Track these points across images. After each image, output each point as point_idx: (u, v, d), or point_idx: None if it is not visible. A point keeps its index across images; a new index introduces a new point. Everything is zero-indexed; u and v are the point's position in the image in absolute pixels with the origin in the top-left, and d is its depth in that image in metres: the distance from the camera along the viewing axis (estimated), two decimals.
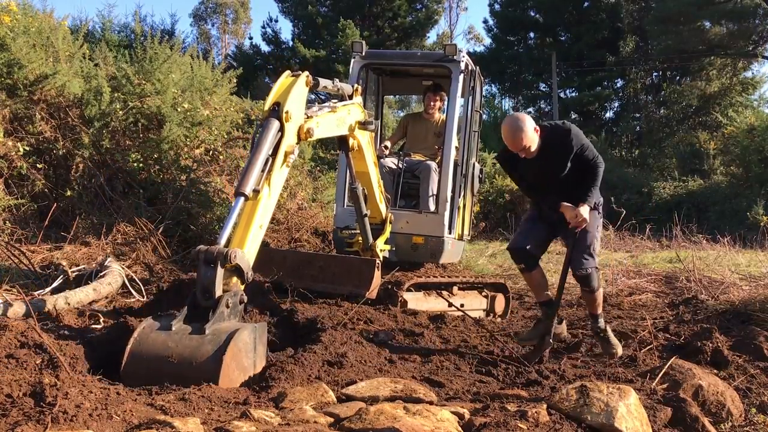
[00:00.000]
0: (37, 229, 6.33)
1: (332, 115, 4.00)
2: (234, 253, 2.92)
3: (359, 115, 4.38)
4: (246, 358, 2.99)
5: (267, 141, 3.24)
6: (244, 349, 2.97)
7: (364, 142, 4.55)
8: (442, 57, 5.83)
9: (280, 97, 3.36)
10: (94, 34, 16.94)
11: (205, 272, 2.91)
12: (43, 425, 2.14)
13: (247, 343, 2.98)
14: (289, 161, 3.39)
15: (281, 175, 3.37)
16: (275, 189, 3.31)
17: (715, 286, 6.71)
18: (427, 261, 5.91)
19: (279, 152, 3.30)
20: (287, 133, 3.34)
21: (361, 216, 4.81)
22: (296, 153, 3.47)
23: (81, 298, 4.54)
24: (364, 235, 4.96)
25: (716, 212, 16.96)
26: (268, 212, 3.28)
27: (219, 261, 2.89)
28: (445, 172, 5.74)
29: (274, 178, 3.27)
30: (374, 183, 4.89)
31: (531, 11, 32.95)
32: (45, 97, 6.93)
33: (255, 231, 3.16)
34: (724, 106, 25.28)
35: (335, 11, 29.01)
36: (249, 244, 3.12)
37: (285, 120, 3.32)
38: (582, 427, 2.56)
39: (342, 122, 4.16)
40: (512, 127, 3.93)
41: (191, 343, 2.86)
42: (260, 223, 3.21)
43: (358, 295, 4.65)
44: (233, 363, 2.89)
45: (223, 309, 2.96)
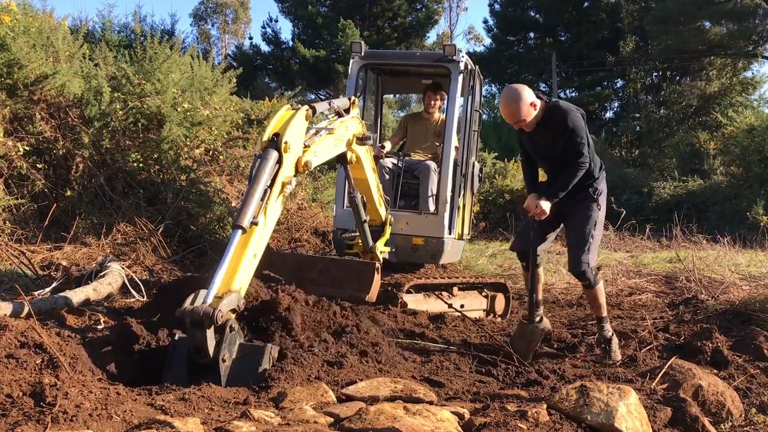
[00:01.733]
0: (37, 229, 6.33)
1: (330, 137, 3.96)
2: (221, 313, 2.86)
3: (357, 128, 4.36)
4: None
5: (265, 172, 3.22)
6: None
7: (362, 153, 4.54)
8: (442, 57, 5.83)
9: (280, 129, 3.35)
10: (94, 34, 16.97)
11: (195, 334, 2.89)
12: (43, 425, 2.14)
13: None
14: (286, 192, 3.38)
15: (277, 205, 3.36)
16: (271, 219, 3.30)
17: (715, 286, 6.71)
18: (427, 262, 5.91)
19: (276, 183, 3.28)
20: (285, 164, 3.33)
21: (360, 222, 4.81)
22: (293, 184, 3.45)
23: (81, 298, 4.53)
24: (363, 239, 4.96)
25: (716, 212, 16.96)
26: (262, 242, 3.26)
27: (205, 323, 2.85)
28: (445, 172, 5.74)
29: (270, 209, 3.26)
30: (373, 188, 4.88)
31: (531, 11, 32.97)
32: (45, 97, 6.93)
33: (248, 260, 3.14)
34: (724, 106, 25.28)
35: (335, 11, 29.03)
36: (240, 275, 3.09)
37: (284, 150, 3.30)
38: (582, 427, 2.56)
39: (340, 140, 4.14)
40: (508, 98, 3.91)
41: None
42: (254, 252, 3.19)
43: (358, 298, 4.66)
44: None
45: (224, 365, 2.95)
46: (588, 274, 4.09)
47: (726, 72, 28.43)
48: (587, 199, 4.12)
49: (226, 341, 2.94)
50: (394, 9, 30.05)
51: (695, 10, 25.86)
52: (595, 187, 4.12)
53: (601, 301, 4.20)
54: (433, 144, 6.27)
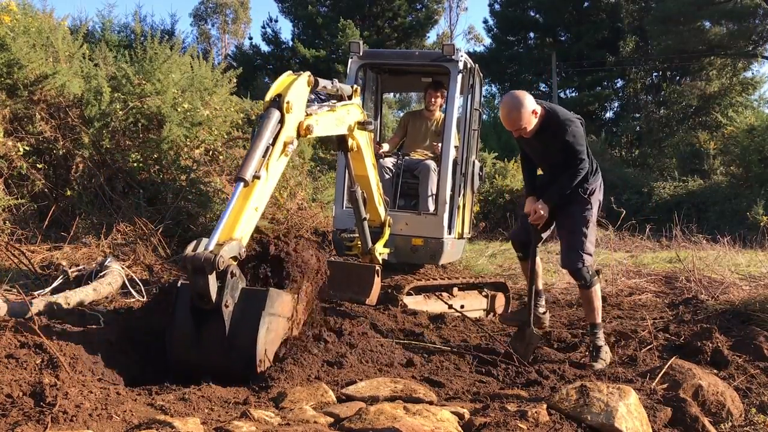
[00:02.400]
0: (37, 229, 6.33)
1: (332, 114, 4.02)
2: (222, 259, 2.90)
3: (358, 115, 4.39)
4: (274, 336, 3.14)
5: (268, 129, 3.28)
6: (269, 338, 3.08)
7: (363, 143, 4.54)
8: (440, 56, 5.82)
9: (282, 90, 3.41)
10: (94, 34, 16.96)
11: (197, 280, 2.91)
12: (43, 425, 2.14)
13: (267, 331, 3.06)
14: (288, 151, 3.43)
15: (280, 163, 3.41)
16: (273, 175, 3.35)
17: (715, 286, 6.71)
18: (426, 262, 5.89)
19: (278, 142, 3.34)
20: (287, 123, 3.38)
21: (360, 219, 4.81)
22: (295, 144, 3.51)
23: (81, 298, 4.53)
24: (363, 239, 4.95)
25: (716, 212, 16.95)
26: (264, 196, 3.31)
27: (207, 269, 2.87)
28: (444, 172, 5.72)
29: (272, 165, 3.31)
30: (373, 186, 4.89)
31: (531, 11, 32.96)
32: (45, 97, 6.93)
33: (250, 213, 3.19)
34: (724, 106, 25.27)
35: (335, 11, 29.01)
36: (242, 226, 3.13)
37: (286, 110, 3.35)
38: (582, 427, 2.55)
39: (341, 121, 4.17)
40: (509, 106, 3.90)
41: (226, 360, 3.04)
42: (255, 205, 3.24)
43: (358, 301, 4.66)
44: (267, 359, 3.07)
45: (227, 310, 2.99)
46: (584, 273, 4.08)
47: (726, 72, 28.42)
48: (579, 198, 4.11)
49: (228, 287, 2.96)
50: (394, 9, 30.02)
51: (695, 10, 25.85)
52: (585, 187, 4.11)
53: (596, 305, 4.15)
54: (432, 143, 6.27)
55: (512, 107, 3.88)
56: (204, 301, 2.93)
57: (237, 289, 3.04)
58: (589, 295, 4.16)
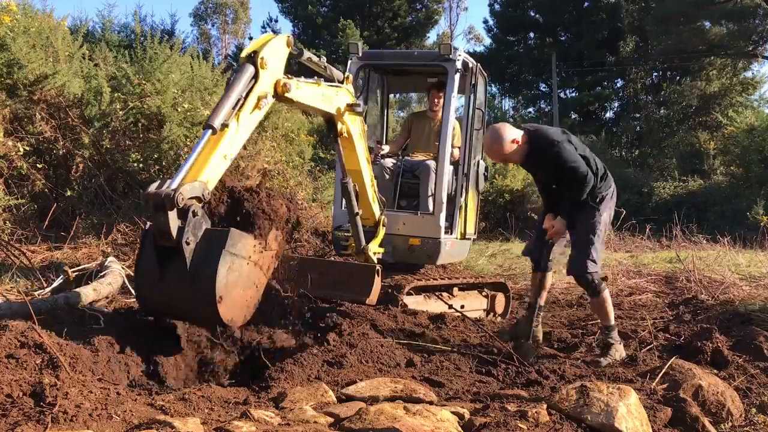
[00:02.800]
0: (37, 229, 6.33)
1: (317, 87, 4.00)
2: (181, 195, 2.90)
3: (348, 98, 4.35)
4: (238, 280, 3.07)
5: (240, 83, 3.29)
6: (230, 279, 3.02)
7: (355, 131, 4.51)
8: (439, 56, 5.80)
9: (258, 47, 3.42)
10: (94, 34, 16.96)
11: (158, 217, 2.94)
12: (43, 425, 2.14)
13: (229, 270, 3.01)
14: (261, 105, 3.42)
15: (253, 117, 3.41)
16: (244, 127, 3.35)
17: (715, 286, 6.71)
18: (423, 263, 5.84)
19: (251, 95, 3.34)
20: (261, 79, 3.38)
21: (352, 214, 4.77)
22: (270, 100, 3.50)
23: (81, 298, 4.53)
24: (355, 236, 4.90)
25: (716, 212, 16.94)
26: (234, 146, 3.31)
27: (166, 205, 2.89)
28: (441, 172, 5.69)
29: (243, 117, 3.31)
30: (367, 182, 4.83)
31: (531, 11, 32.98)
32: (45, 97, 6.94)
33: (218, 159, 3.19)
34: (724, 106, 25.27)
35: (335, 11, 29.01)
36: (209, 170, 3.14)
37: (260, 66, 3.35)
38: (582, 427, 2.56)
39: (327, 99, 4.15)
40: (489, 139, 4.09)
41: (186, 299, 3.02)
42: (224, 153, 3.23)
43: (358, 301, 4.64)
44: (228, 300, 2.99)
45: (188, 248, 2.98)
46: (588, 282, 4.10)
47: (726, 72, 28.42)
48: (588, 206, 4.12)
49: (190, 225, 2.97)
50: (394, 9, 30.03)
51: (695, 10, 25.85)
52: (595, 194, 4.12)
53: (607, 309, 4.18)
54: (435, 143, 6.25)
55: (492, 140, 4.05)
56: (165, 238, 2.94)
57: (199, 229, 3.02)
58: (597, 302, 4.20)
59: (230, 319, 3.03)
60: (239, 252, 3.09)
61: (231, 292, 3.02)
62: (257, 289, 3.23)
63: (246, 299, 3.15)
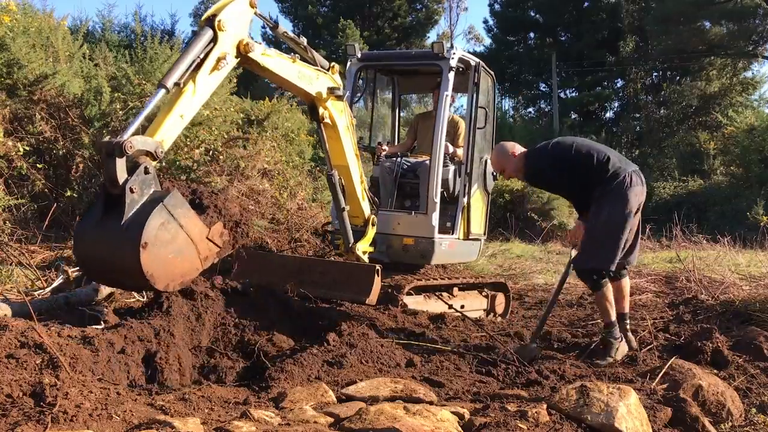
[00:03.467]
0: (37, 229, 6.33)
1: (292, 63, 4.00)
2: (129, 143, 2.99)
3: (329, 82, 4.35)
4: (169, 242, 3.07)
5: (196, 46, 3.33)
6: (161, 235, 3.02)
7: (341, 122, 4.48)
8: (434, 55, 5.78)
9: (217, 10, 3.44)
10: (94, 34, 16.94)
11: (108, 164, 3.01)
12: (43, 425, 2.14)
13: (161, 226, 3.02)
14: (221, 66, 3.44)
15: (212, 78, 3.43)
16: (201, 89, 3.38)
17: (715, 286, 6.70)
18: (418, 262, 5.80)
19: (210, 56, 3.38)
20: (220, 41, 3.40)
21: (339, 210, 4.74)
22: (230, 62, 3.51)
23: (81, 298, 4.53)
24: (343, 233, 4.86)
25: (716, 212, 16.95)
26: (190, 107, 3.35)
27: (116, 152, 2.98)
28: (433, 171, 5.64)
29: (200, 78, 3.35)
30: (355, 178, 4.79)
31: (531, 11, 33.00)
32: (45, 97, 6.93)
33: (174, 119, 3.25)
34: (724, 106, 25.28)
35: (335, 11, 29.02)
36: (164, 129, 3.21)
37: (218, 28, 3.38)
38: (582, 427, 2.56)
39: (306, 79, 4.15)
40: (494, 153, 4.48)
41: (114, 243, 3.03)
42: (180, 113, 3.29)
43: (358, 301, 4.64)
44: (153, 253, 2.98)
45: (131, 196, 3.01)
46: (586, 277, 4.15)
47: (726, 72, 28.43)
48: (595, 202, 4.15)
49: (138, 177, 3.03)
50: (394, 9, 30.05)
51: (695, 10, 25.86)
52: (602, 191, 4.11)
53: (605, 305, 4.18)
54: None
55: (496, 154, 4.45)
56: (113, 185, 3.00)
57: (147, 187, 3.07)
58: (596, 297, 4.26)
59: (151, 274, 2.98)
60: (177, 215, 3.10)
61: (158, 247, 3.00)
62: (188, 265, 3.20)
63: (173, 266, 3.12)
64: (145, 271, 2.95)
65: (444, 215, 5.86)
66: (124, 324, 3.36)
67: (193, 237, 3.20)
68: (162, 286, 3.09)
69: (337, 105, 4.45)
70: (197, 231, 3.22)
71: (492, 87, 6.41)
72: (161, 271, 3.04)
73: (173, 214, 3.06)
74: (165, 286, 3.11)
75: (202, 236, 3.25)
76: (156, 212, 2.98)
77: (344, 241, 4.89)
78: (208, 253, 3.31)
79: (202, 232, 3.25)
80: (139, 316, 3.71)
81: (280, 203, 8.41)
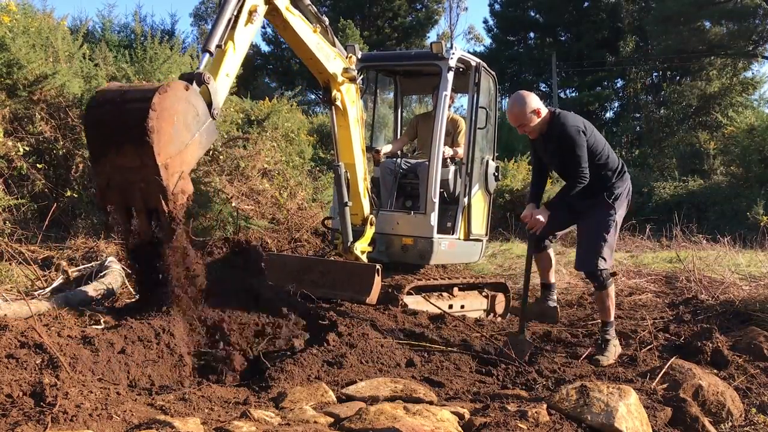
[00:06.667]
0: (37, 229, 6.33)
1: (313, 32, 4.12)
2: (208, 75, 3.22)
3: (342, 63, 4.45)
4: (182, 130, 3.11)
5: (230, 2, 3.44)
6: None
7: (352, 112, 4.53)
8: (433, 55, 5.77)
9: None
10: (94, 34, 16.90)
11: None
12: (43, 425, 2.14)
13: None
14: (254, 19, 3.57)
15: (246, 32, 3.57)
16: (240, 45, 3.53)
17: (715, 286, 6.70)
18: (416, 262, 5.79)
19: (243, 11, 3.49)
20: None
21: (341, 204, 4.75)
22: (260, 12, 3.64)
23: (81, 297, 4.53)
24: (343, 229, 4.86)
25: (716, 212, 16.94)
26: (233, 65, 3.50)
27: (195, 80, 3.17)
28: (432, 171, 5.64)
29: (237, 35, 3.48)
30: (359, 174, 4.82)
31: (531, 11, 33.00)
32: (45, 97, 6.93)
33: (222, 78, 3.40)
34: (724, 106, 25.25)
35: (335, 11, 29.00)
36: (217, 87, 3.37)
37: None
38: (582, 427, 2.56)
39: (324, 53, 4.25)
40: (512, 102, 4.16)
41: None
42: (226, 71, 3.45)
43: (358, 301, 4.64)
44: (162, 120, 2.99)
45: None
46: (598, 276, 4.14)
47: (726, 72, 28.41)
48: (602, 202, 4.16)
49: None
50: (394, 9, 30.05)
51: (695, 10, 25.85)
52: (611, 191, 4.15)
53: (608, 305, 4.21)
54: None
55: (514, 103, 4.11)
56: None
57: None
58: (601, 296, 4.23)
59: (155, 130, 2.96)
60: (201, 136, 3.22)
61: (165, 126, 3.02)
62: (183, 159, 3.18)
63: (174, 157, 3.10)
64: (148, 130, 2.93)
65: (444, 215, 5.86)
66: (124, 324, 3.36)
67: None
68: (162, 160, 3.02)
69: (350, 92, 4.53)
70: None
71: (493, 87, 6.41)
72: (165, 142, 3.02)
73: (200, 133, 3.19)
74: (163, 158, 3.02)
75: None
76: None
77: (343, 239, 4.89)
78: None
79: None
80: (139, 316, 3.71)
81: (280, 203, 8.42)
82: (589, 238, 4.17)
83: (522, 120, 4.05)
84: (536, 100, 4.08)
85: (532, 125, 4.07)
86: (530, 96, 4.10)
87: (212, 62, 3.37)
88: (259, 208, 8.08)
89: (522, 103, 4.05)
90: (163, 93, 2.97)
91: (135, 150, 3.00)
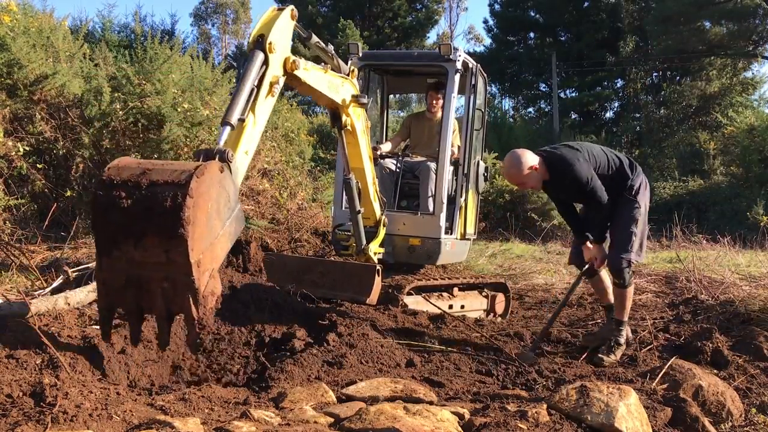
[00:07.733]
0: (37, 229, 6.33)
1: (324, 74, 4.02)
2: (231, 153, 2.94)
3: (353, 89, 4.38)
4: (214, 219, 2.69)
5: (252, 72, 3.29)
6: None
7: (359, 126, 4.51)
8: (438, 56, 5.79)
9: (264, 29, 3.39)
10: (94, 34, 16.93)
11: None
12: (43, 425, 2.14)
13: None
14: (275, 91, 3.45)
15: (266, 105, 3.42)
16: (260, 118, 3.36)
17: (715, 286, 6.70)
18: (424, 263, 5.84)
19: (264, 83, 3.35)
20: (272, 64, 3.38)
21: (354, 212, 4.76)
22: (281, 84, 3.51)
23: (81, 298, 4.53)
24: (357, 235, 4.87)
25: (716, 212, 16.95)
26: (253, 140, 3.33)
27: (219, 158, 2.86)
28: (441, 172, 5.68)
29: (258, 108, 3.32)
30: (369, 179, 4.82)
31: (531, 11, 32.99)
32: (45, 97, 6.94)
33: (241, 156, 3.20)
34: (724, 106, 25.26)
35: (335, 11, 29.04)
36: (238, 167, 3.16)
37: (269, 51, 3.35)
38: (582, 427, 2.56)
39: (333, 87, 4.16)
40: (508, 164, 4.15)
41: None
42: (245, 149, 3.24)
43: (358, 301, 4.65)
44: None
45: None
46: (624, 273, 4.17)
47: (726, 72, 28.41)
48: (625, 199, 4.20)
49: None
50: (394, 9, 30.05)
51: (695, 10, 25.84)
52: (631, 186, 4.20)
53: (626, 304, 4.27)
54: (435, 144, 6.24)
55: (511, 165, 4.11)
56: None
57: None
58: (623, 294, 4.26)
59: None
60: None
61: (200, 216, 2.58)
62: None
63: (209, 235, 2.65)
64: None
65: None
66: (124, 324, 3.36)
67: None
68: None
69: (358, 113, 4.49)
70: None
71: (484, 88, 6.45)
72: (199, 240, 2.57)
73: (230, 223, 2.79)
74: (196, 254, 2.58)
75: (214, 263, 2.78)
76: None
77: (357, 243, 4.90)
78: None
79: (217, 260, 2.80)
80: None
81: (280, 203, 8.42)
82: (619, 235, 4.21)
83: (521, 179, 4.10)
84: (531, 157, 4.07)
85: (532, 182, 4.14)
86: (524, 155, 4.08)
87: (233, 137, 3.14)
88: (259, 208, 8.08)
89: (519, 165, 4.04)
90: (201, 176, 2.54)
91: (161, 243, 2.52)
